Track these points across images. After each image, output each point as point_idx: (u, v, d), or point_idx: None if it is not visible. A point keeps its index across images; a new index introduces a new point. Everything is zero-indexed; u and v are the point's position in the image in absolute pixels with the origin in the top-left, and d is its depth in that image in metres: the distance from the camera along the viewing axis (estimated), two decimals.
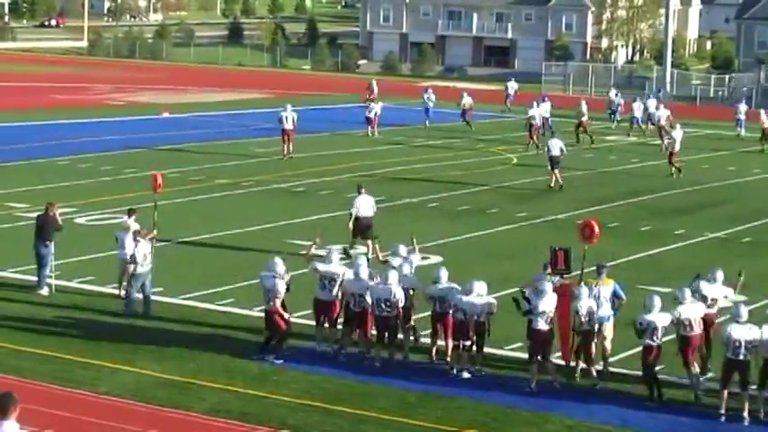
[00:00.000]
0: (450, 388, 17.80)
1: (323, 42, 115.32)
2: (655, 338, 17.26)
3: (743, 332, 16.64)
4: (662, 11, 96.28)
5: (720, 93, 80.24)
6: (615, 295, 18.80)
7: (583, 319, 18.11)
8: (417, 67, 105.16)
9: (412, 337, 19.51)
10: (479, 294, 18.37)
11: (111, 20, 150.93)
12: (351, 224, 26.20)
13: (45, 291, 22.54)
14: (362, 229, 26.22)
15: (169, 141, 45.85)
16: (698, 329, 17.64)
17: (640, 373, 17.69)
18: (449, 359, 18.76)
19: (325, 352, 19.14)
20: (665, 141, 43.89)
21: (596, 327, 18.20)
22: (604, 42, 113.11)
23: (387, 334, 18.65)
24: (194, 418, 16.24)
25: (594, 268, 18.97)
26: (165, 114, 56.44)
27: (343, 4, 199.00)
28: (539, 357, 17.88)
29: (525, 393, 17.60)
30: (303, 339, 19.57)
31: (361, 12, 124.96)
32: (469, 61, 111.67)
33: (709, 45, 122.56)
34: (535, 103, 48.06)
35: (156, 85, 76.28)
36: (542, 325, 17.79)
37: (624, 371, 18.63)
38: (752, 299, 19.67)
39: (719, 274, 18.72)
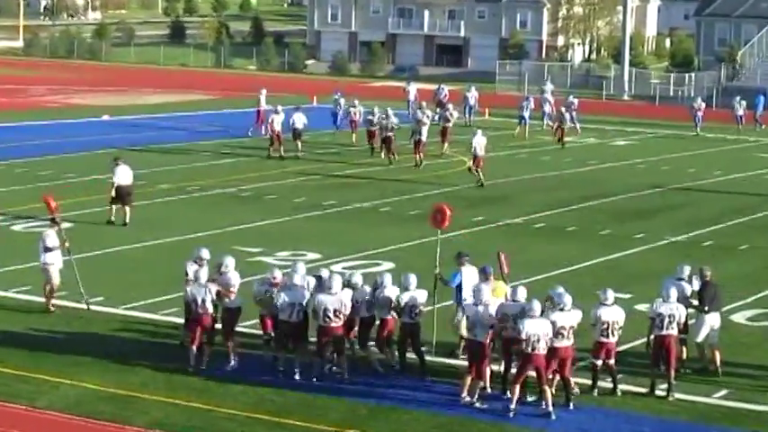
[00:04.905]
0: (404, 400, 17.38)
1: (269, 41, 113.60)
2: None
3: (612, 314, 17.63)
4: (619, 8, 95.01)
5: (680, 92, 78.62)
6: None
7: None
8: (367, 67, 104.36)
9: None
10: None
11: (47, 19, 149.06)
12: (113, 192, 29.66)
13: None
14: (123, 196, 29.64)
15: (109, 145, 44.96)
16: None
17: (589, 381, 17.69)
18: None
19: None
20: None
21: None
22: (560, 40, 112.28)
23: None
24: None
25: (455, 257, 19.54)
26: (105, 117, 55.58)
27: (290, 1, 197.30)
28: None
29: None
30: (251, 349, 19.04)
31: (308, 10, 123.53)
32: (421, 60, 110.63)
33: (668, 43, 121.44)
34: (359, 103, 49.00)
35: (95, 86, 75.21)
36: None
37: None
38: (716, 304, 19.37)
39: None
